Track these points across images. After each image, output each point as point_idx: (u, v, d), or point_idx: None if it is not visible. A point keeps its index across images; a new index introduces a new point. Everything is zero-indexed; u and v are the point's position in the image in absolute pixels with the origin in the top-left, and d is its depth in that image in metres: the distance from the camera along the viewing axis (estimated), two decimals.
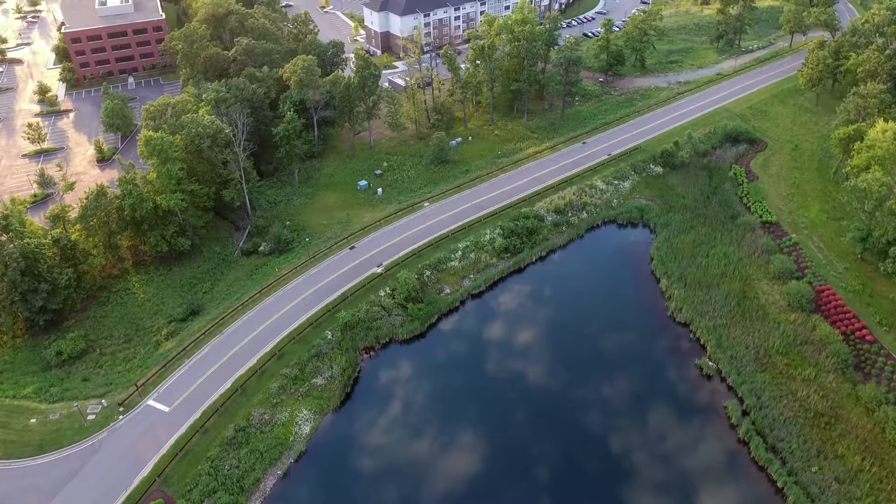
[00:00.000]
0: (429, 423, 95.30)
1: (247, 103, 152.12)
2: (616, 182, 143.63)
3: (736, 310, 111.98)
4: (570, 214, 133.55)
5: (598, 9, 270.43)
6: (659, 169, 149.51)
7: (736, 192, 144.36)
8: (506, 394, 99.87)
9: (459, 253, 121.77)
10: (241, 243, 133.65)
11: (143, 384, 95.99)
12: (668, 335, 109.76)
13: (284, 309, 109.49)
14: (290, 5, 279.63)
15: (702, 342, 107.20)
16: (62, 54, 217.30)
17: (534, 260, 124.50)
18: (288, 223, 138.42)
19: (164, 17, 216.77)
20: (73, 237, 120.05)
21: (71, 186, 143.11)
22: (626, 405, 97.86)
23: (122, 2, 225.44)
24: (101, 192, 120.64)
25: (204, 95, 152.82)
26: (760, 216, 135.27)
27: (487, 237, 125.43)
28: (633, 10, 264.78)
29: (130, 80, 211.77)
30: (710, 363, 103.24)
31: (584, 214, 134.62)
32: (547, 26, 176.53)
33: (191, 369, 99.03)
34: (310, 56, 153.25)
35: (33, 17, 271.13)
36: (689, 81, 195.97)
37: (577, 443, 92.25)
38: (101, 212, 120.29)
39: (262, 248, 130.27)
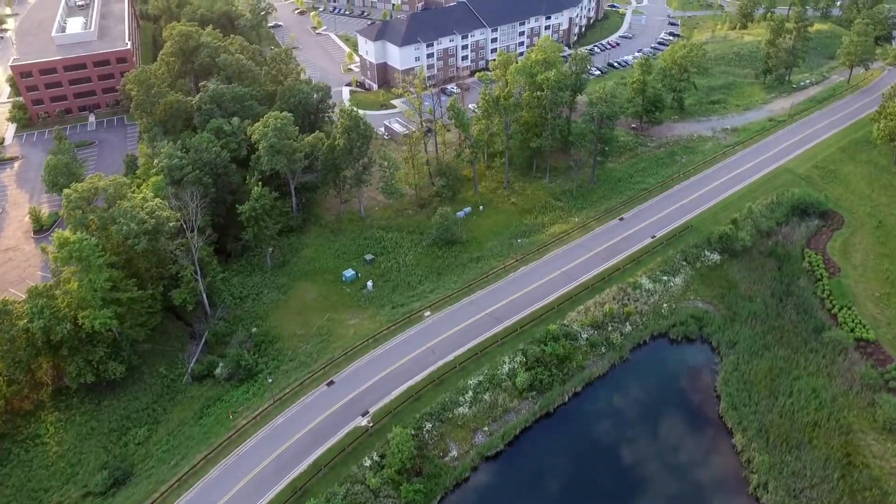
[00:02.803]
0: None
1: (208, 169, 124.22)
2: (665, 278, 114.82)
3: (841, 486, 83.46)
4: (609, 329, 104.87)
5: (622, 32, 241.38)
6: (716, 256, 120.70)
7: (814, 290, 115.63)
8: None
9: (470, 394, 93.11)
10: (192, 361, 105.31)
11: None
12: None
13: (233, 490, 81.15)
14: (280, 25, 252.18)
15: None
16: (16, 86, 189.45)
17: (566, 399, 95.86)
18: (254, 330, 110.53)
19: (129, 46, 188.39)
20: None
21: None
22: None
23: (83, 28, 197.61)
24: (2, 311, 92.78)
25: (155, 161, 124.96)
26: (852, 329, 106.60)
27: (506, 368, 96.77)
28: (662, 34, 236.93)
29: (91, 118, 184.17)
30: None
31: (628, 327, 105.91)
32: (573, 69, 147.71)
33: None
34: (284, 113, 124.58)
35: None
36: (736, 129, 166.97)
37: None
38: (4, 335, 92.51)
39: (217, 370, 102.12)
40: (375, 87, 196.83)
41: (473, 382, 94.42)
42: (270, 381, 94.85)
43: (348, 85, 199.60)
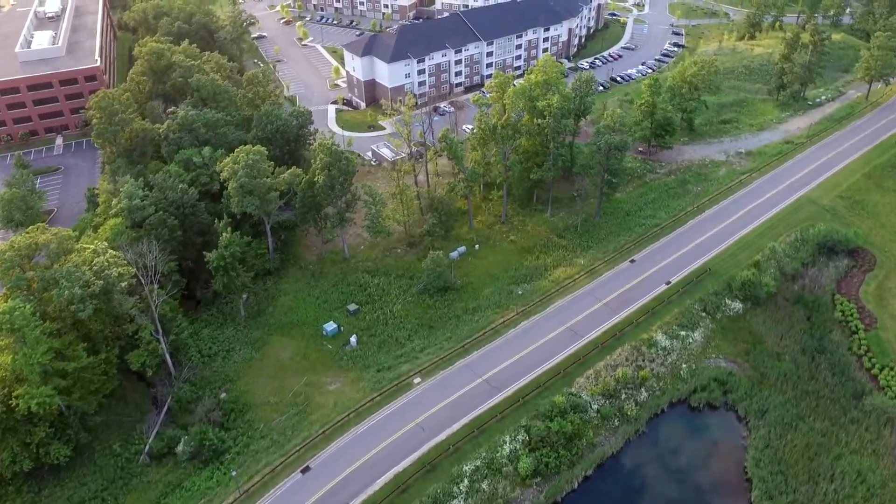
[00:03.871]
0: None
1: (173, 209, 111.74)
2: (683, 333, 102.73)
3: None
4: (623, 397, 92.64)
5: (623, 43, 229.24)
6: (738, 305, 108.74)
7: (850, 345, 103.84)
8: None
9: (466, 482, 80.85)
10: (151, 436, 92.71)
11: None
12: None
13: None
14: (264, 36, 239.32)
15: None
16: None
17: (575, 485, 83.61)
18: (223, 395, 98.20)
19: (99, 63, 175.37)
20: None
21: None
22: None
23: (51, 43, 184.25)
24: None
25: (114, 201, 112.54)
26: None
27: (507, 449, 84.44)
28: (666, 44, 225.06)
29: (59, 140, 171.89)
30: None
31: (644, 394, 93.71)
32: (577, 90, 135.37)
33: None
34: (256, 147, 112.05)
35: None
36: (751, 152, 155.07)
37: None
38: None
39: (179, 448, 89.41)
40: (363, 105, 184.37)
41: (469, 468, 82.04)
42: (234, 473, 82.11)
43: (334, 103, 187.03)
